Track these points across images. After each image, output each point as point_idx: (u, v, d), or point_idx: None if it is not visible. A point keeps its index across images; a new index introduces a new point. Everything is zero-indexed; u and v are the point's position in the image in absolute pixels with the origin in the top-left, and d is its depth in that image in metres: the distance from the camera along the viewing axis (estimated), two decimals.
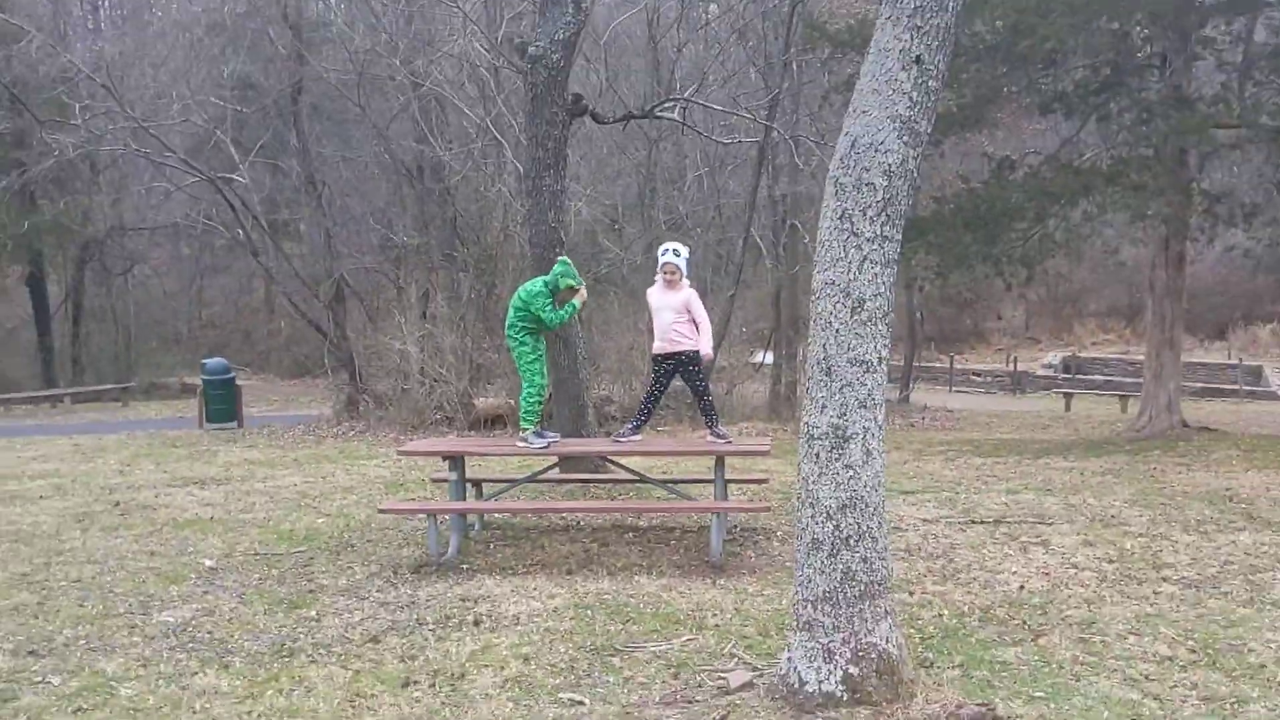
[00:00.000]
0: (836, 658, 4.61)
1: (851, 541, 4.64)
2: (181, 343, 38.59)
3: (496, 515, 9.25)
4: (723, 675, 5.10)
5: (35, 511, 10.17)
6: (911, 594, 6.68)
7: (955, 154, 21.30)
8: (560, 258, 8.28)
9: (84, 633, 6.23)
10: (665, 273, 8.19)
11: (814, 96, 21.20)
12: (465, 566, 7.72)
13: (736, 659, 5.42)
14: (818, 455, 4.69)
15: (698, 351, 8.22)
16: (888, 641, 4.67)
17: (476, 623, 6.24)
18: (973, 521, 8.96)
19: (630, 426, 8.52)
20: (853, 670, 4.59)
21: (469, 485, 8.86)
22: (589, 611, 6.40)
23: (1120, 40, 15.28)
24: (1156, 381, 16.46)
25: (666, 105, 13.55)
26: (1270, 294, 40.16)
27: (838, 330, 4.65)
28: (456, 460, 8.19)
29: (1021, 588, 6.84)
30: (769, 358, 23.45)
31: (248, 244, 22.22)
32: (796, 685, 4.67)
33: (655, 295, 8.28)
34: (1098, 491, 10.54)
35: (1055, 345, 42.78)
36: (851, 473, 4.64)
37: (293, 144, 23.77)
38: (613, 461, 9.33)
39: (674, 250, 8.22)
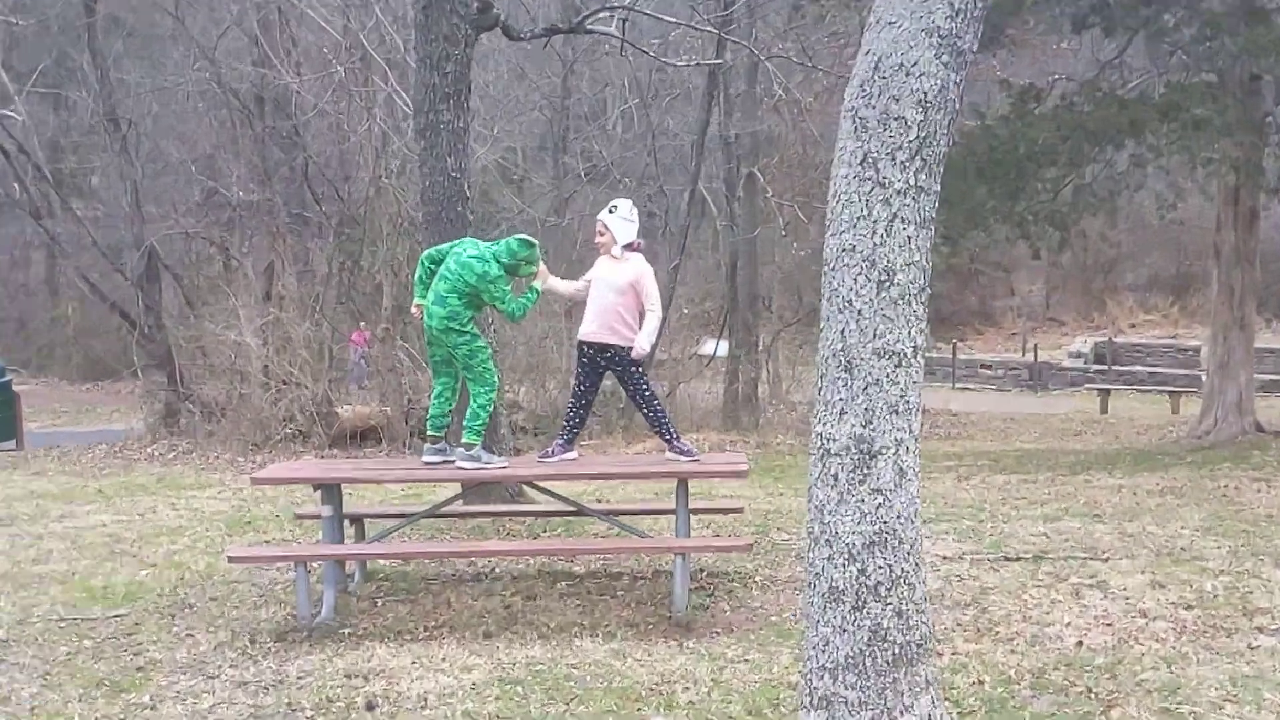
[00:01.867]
0: None
1: (882, 590, 4.61)
2: None
3: (385, 562, 9.11)
4: None
5: None
6: (941, 655, 6.70)
7: (965, 82, 21.48)
8: (521, 237, 8.23)
9: None
10: (595, 234, 8.35)
11: (780, 9, 21.24)
12: (347, 631, 7.58)
13: None
14: (835, 476, 4.65)
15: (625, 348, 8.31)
16: None
17: (370, 707, 6.11)
18: (1006, 558, 9.03)
19: (560, 441, 8.47)
20: None
21: (346, 522, 8.71)
22: (519, 688, 6.31)
23: None
24: (1223, 373, 16.80)
25: (601, 15, 13.44)
26: None
27: (860, 311, 4.62)
28: (332, 490, 8.03)
29: (1080, 644, 6.89)
30: (722, 348, 23.51)
31: (25, 202, 21.69)
32: None
33: (600, 264, 8.33)
34: (1159, 517, 10.69)
35: (1084, 328, 43.57)
36: (881, 499, 4.61)
37: (85, 69, 23.24)
38: (537, 487, 9.25)
39: (610, 207, 8.33)
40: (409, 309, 9.31)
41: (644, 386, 8.39)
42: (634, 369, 8.30)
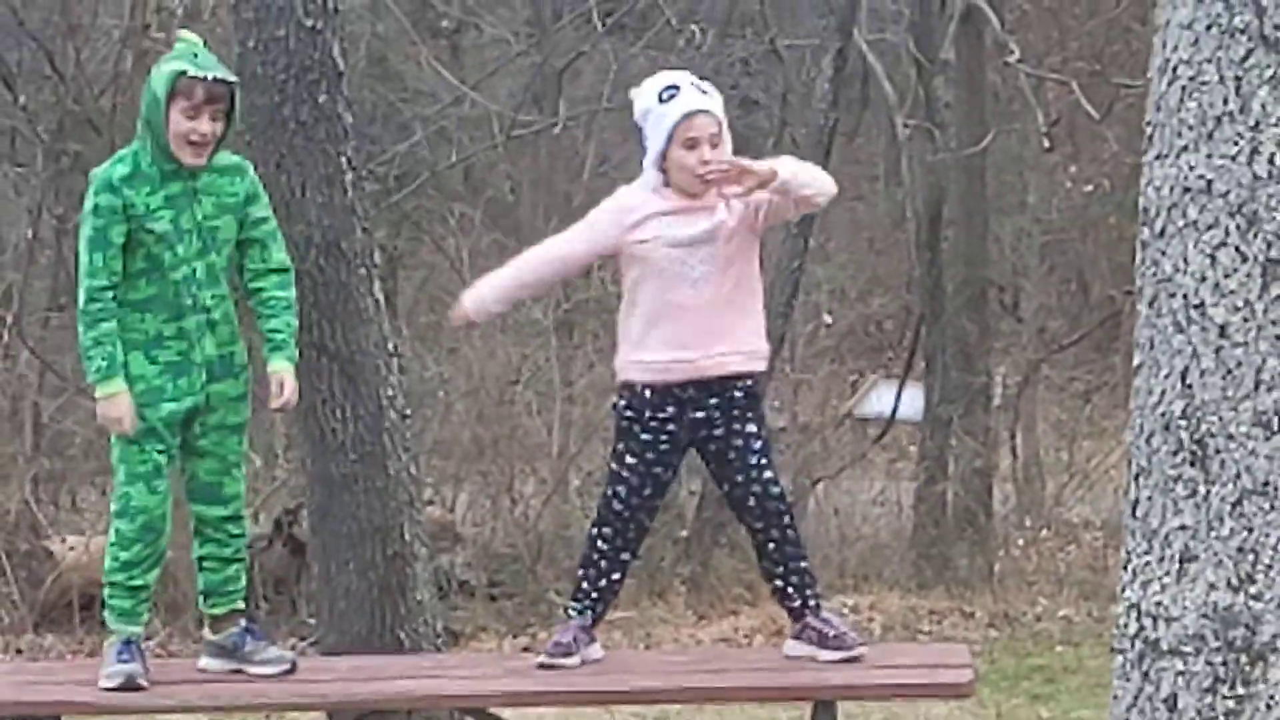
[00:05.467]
0: None
1: None
2: None
3: None
4: None
5: None
6: None
7: None
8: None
9: None
10: (702, 142, 3.94)
11: None
12: None
13: None
14: (1172, 702, 2.49)
15: (756, 380, 4.22)
16: None
17: None
18: None
19: (577, 625, 4.08)
20: None
21: None
22: None
23: None
24: None
25: None
26: None
27: (1224, 329, 2.50)
28: None
29: None
30: (910, 403, 12.56)
31: None
32: None
33: (666, 224, 4.06)
34: None
35: None
36: None
37: None
38: None
39: (692, 84, 4.08)
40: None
41: (771, 473, 4.07)
42: (763, 428, 4.13)
